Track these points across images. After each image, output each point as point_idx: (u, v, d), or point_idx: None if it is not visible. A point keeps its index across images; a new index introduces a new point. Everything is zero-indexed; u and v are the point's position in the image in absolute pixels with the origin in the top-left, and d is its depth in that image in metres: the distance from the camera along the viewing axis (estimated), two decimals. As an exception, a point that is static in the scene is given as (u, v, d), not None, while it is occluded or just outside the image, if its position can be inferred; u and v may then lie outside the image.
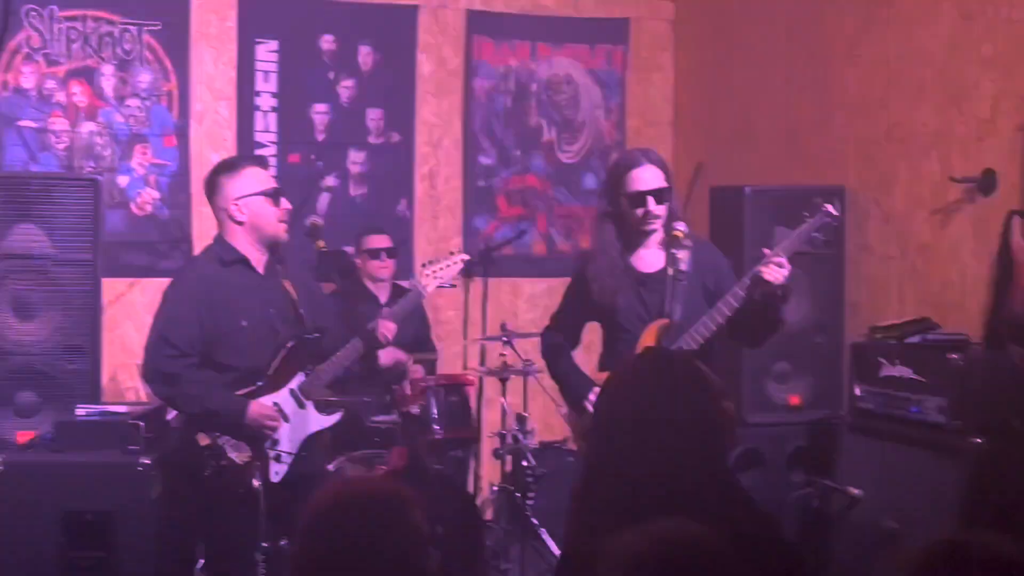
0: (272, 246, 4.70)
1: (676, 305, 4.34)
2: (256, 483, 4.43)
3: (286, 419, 4.62)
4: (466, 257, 5.03)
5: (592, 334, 4.92)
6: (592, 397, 4.52)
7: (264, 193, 4.64)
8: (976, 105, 5.58)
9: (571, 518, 2.65)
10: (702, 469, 2.59)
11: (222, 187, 4.65)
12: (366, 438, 5.87)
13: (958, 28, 5.67)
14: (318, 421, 4.75)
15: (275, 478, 4.56)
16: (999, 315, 4.29)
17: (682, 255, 4.38)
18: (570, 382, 4.71)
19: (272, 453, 4.57)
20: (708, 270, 4.55)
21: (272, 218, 4.66)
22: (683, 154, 7.50)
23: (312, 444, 4.73)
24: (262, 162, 4.95)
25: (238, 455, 4.51)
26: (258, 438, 4.55)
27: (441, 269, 4.91)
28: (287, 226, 4.72)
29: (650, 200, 4.47)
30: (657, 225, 4.51)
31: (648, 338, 4.45)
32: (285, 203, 4.70)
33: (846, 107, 6.39)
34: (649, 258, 4.58)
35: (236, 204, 4.60)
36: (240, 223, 4.62)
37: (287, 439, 4.61)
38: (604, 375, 4.57)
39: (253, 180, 4.65)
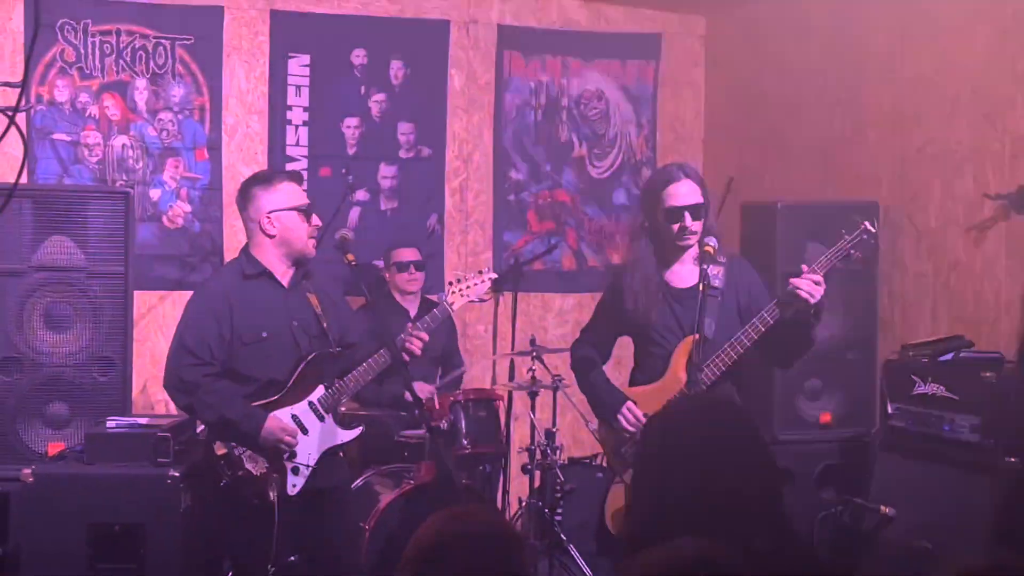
0: (299, 260, 4.72)
1: (709, 321, 4.31)
2: (272, 495, 4.43)
3: (304, 431, 4.61)
4: (494, 276, 5.01)
5: (622, 349, 4.90)
6: (625, 412, 4.50)
7: (297, 209, 4.66)
8: (1011, 122, 5.54)
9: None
10: (759, 515, 2.54)
11: (255, 199, 4.67)
12: (394, 453, 5.87)
13: (993, 44, 5.64)
14: (338, 435, 4.73)
15: (292, 490, 4.55)
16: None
17: (715, 271, 4.36)
18: (601, 396, 4.69)
19: (290, 465, 4.56)
20: (742, 287, 4.53)
21: (303, 234, 4.68)
22: (714, 170, 7.47)
23: (331, 458, 4.72)
24: (296, 177, 4.95)
25: (255, 466, 4.51)
26: (275, 449, 4.55)
27: (468, 287, 4.89)
28: (316, 242, 4.74)
29: (687, 215, 4.46)
30: (693, 240, 4.49)
31: (680, 354, 4.43)
32: (316, 220, 4.72)
33: (880, 123, 6.36)
34: (683, 273, 4.56)
35: (268, 217, 4.63)
36: (271, 236, 4.65)
37: (305, 452, 4.60)
38: (635, 390, 4.57)
39: (287, 195, 4.68)
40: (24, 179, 6.05)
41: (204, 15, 6.69)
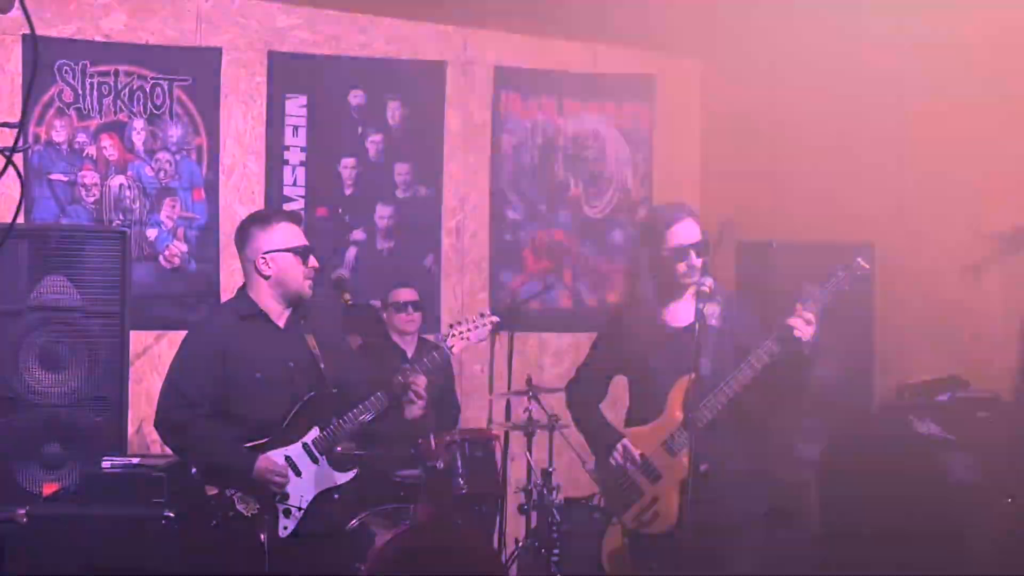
0: (295, 302, 4.70)
1: (705, 360, 4.30)
2: (262, 537, 4.40)
3: (297, 473, 4.57)
4: (495, 320, 4.99)
5: (617, 388, 4.89)
6: (620, 449, 4.48)
7: (293, 250, 4.65)
8: (1006, 162, 5.57)
9: None
10: None
11: (252, 239, 4.65)
12: (391, 493, 5.84)
13: (989, 87, 5.67)
14: (331, 477, 4.67)
15: (283, 533, 4.50)
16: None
17: (712, 310, 4.34)
18: (597, 435, 4.67)
19: (281, 507, 4.52)
20: (739, 326, 4.48)
21: (298, 275, 4.66)
22: (710, 209, 7.48)
23: (325, 501, 4.66)
24: (295, 217, 4.91)
25: (245, 507, 4.47)
26: (267, 491, 4.52)
27: (469, 330, 4.89)
28: (312, 283, 4.72)
29: (691, 254, 4.45)
30: (698, 277, 4.44)
31: (677, 393, 4.41)
32: (313, 261, 4.70)
33: (875, 162, 6.39)
34: (680, 312, 4.54)
35: (264, 258, 4.61)
36: (266, 277, 4.63)
37: (297, 494, 4.56)
38: (632, 430, 4.55)
39: (284, 235, 4.66)
40: (21, 219, 6.06)
41: (202, 56, 6.72)
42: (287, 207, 6.89)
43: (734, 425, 4.46)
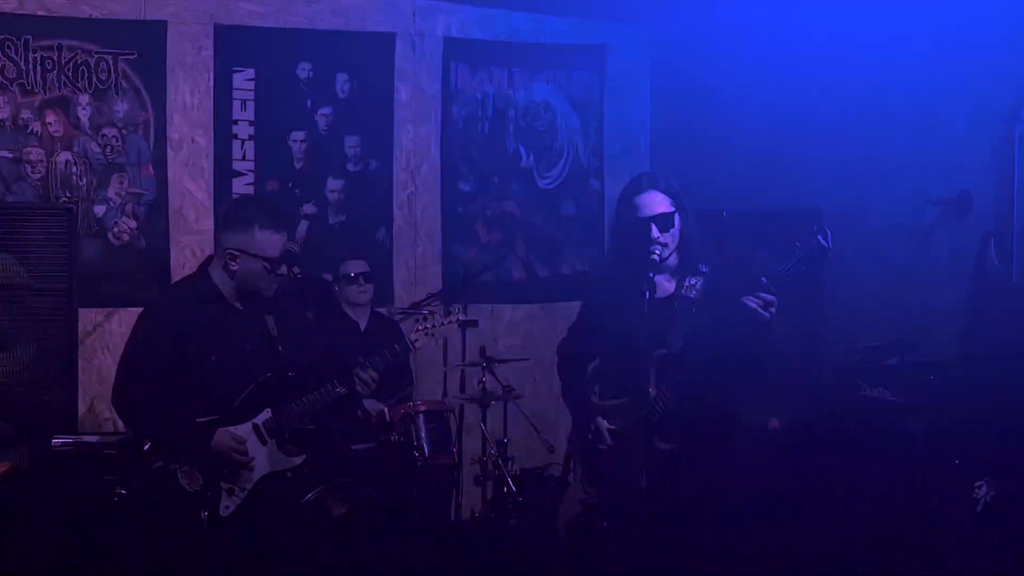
0: (252, 297, 4.65)
1: (676, 334, 4.21)
2: (203, 514, 4.38)
3: None
4: (462, 318, 5.13)
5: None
6: (592, 428, 4.41)
7: (264, 259, 4.58)
8: (950, 128, 5.62)
9: None
10: None
11: (229, 232, 4.59)
12: (344, 467, 5.83)
13: (933, 52, 5.72)
14: (277, 461, 4.65)
15: (224, 512, 4.47)
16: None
17: (693, 281, 4.27)
18: (576, 409, 4.59)
19: (224, 486, 4.50)
20: (721, 299, 4.27)
21: (262, 282, 4.60)
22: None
23: (272, 482, 4.63)
24: (278, 222, 4.66)
25: (189, 483, 4.44)
26: (212, 469, 4.48)
27: (435, 327, 4.91)
28: (274, 284, 4.67)
29: (653, 227, 4.30)
30: (663, 252, 4.29)
31: (652, 368, 4.28)
32: (284, 268, 4.62)
33: (822, 130, 6.42)
34: (663, 284, 4.35)
35: (233, 255, 4.56)
36: (232, 270, 4.58)
37: (243, 474, 4.56)
38: (609, 404, 4.45)
39: (260, 243, 4.55)
40: (-35, 197, 5.99)
41: (147, 30, 6.64)
42: (237, 182, 6.84)
43: (703, 402, 4.26)
